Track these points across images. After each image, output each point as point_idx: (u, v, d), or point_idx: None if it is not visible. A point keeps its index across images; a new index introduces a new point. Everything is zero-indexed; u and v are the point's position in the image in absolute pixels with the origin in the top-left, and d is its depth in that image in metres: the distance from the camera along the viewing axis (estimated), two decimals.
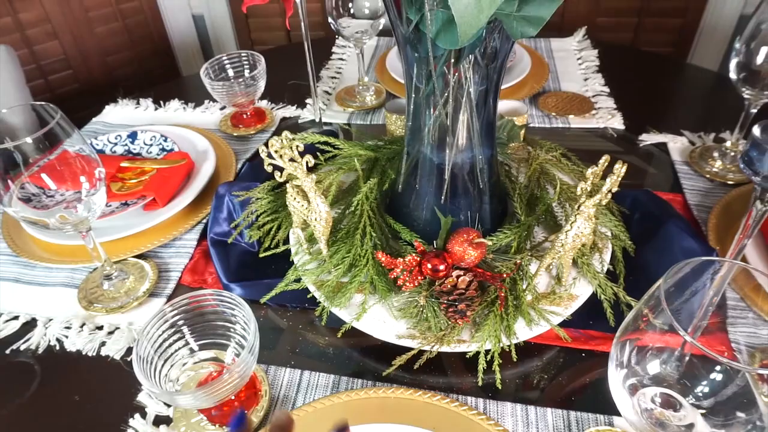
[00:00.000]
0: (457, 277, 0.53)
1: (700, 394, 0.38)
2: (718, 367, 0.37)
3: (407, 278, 0.54)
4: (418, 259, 0.54)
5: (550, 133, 0.91)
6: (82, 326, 0.63)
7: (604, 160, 0.52)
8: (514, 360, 0.55)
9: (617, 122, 0.91)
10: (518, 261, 0.57)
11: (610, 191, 0.52)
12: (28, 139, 0.51)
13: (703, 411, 0.38)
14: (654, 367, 0.39)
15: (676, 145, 0.85)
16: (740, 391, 0.36)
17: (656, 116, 0.92)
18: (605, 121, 0.91)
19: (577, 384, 0.55)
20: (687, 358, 0.39)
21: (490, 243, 0.58)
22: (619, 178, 0.51)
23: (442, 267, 0.53)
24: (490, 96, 0.55)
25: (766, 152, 0.35)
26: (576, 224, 0.53)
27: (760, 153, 0.36)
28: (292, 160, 0.55)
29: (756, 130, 0.36)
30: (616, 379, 0.38)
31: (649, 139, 0.87)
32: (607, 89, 0.99)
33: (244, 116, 0.96)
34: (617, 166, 0.50)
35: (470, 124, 0.55)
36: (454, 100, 0.53)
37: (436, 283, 0.54)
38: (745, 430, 0.35)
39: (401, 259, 0.53)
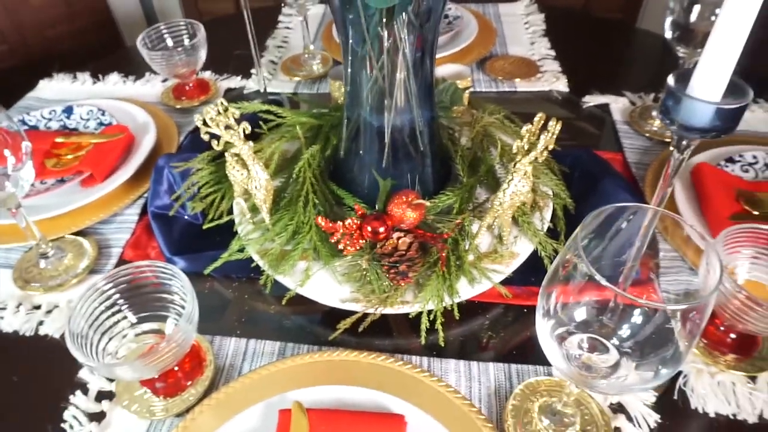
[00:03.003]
0: (398, 238, 0.53)
1: (624, 336, 0.40)
2: (638, 310, 0.39)
3: (348, 242, 0.54)
4: (358, 222, 0.54)
5: (498, 97, 0.91)
6: (18, 306, 0.61)
7: (539, 118, 0.52)
8: (457, 319, 0.56)
9: (562, 85, 0.92)
10: (459, 221, 0.58)
11: (546, 148, 0.52)
12: None
13: (626, 351, 0.40)
14: (580, 314, 0.41)
15: (618, 105, 0.87)
16: (657, 330, 0.38)
17: (601, 79, 0.94)
18: (550, 84, 0.92)
19: (519, 339, 0.57)
20: (611, 304, 0.40)
21: (428, 204, 0.58)
22: (554, 136, 0.52)
23: (381, 229, 0.53)
24: (426, 56, 0.55)
25: (681, 101, 0.36)
26: (513, 182, 0.53)
27: (675, 102, 0.37)
28: (228, 127, 0.53)
29: (670, 80, 0.36)
30: (543, 329, 0.39)
31: (592, 100, 0.88)
32: (552, 53, 1.00)
33: (187, 88, 0.93)
34: (551, 123, 0.51)
35: (407, 85, 0.55)
36: (390, 61, 0.53)
37: (378, 246, 0.54)
38: (661, 363, 0.37)
39: (341, 223, 0.53)
